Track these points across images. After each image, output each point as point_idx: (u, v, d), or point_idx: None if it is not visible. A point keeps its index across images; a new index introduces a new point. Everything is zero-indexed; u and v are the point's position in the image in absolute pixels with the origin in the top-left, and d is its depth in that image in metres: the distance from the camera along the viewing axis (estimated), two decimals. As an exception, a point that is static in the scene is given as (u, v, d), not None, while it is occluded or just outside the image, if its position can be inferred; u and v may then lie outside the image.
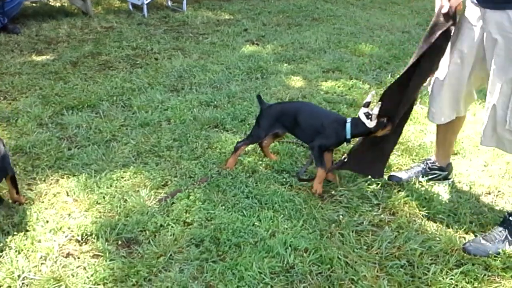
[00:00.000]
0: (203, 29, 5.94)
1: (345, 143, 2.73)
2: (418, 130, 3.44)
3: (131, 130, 3.33)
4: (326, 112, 2.95)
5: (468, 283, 2.08)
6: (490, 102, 2.22)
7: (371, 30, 6.00)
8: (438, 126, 2.72)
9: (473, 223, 2.49)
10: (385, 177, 2.83)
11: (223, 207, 2.52)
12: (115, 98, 3.82)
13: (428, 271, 2.14)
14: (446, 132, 2.72)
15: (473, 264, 2.18)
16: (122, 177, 2.79)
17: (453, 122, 2.60)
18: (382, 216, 2.52)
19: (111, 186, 2.70)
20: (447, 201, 2.64)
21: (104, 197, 2.59)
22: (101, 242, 2.25)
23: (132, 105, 3.70)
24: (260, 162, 2.95)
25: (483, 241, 2.28)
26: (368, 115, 2.55)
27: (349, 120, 2.66)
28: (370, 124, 2.54)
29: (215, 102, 3.79)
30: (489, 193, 2.75)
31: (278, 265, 2.14)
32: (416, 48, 2.44)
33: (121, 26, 5.84)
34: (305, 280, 2.09)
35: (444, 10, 2.23)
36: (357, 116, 2.63)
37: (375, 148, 2.67)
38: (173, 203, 2.56)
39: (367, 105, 2.59)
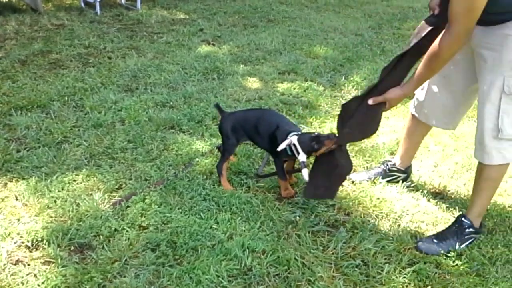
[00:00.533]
0: (158, 28, 5.86)
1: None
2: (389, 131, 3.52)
3: (83, 131, 3.23)
4: (282, 122, 2.72)
5: (420, 281, 2.15)
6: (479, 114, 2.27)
7: (325, 32, 6.10)
8: (410, 127, 2.75)
9: (425, 222, 2.57)
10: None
11: (180, 210, 2.49)
12: (66, 98, 3.70)
13: (382, 270, 2.20)
14: (416, 135, 2.77)
15: (424, 263, 2.25)
16: (75, 180, 2.70)
17: (424, 124, 2.67)
18: (337, 216, 2.57)
19: (62, 189, 2.61)
20: (399, 201, 2.72)
21: (55, 201, 2.51)
22: (52, 248, 2.18)
23: (85, 106, 3.60)
24: (217, 164, 2.93)
25: (435, 240, 2.36)
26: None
27: (290, 135, 2.52)
28: (301, 157, 2.48)
29: (171, 103, 3.74)
30: (439, 193, 2.85)
31: (236, 267, 2.14)
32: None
33: (72, 24, 5.67)
34: (262, 282, 2.09)
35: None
36: (301, 133, 2.57)
37: (332, 173, 2.54)
38: (128, 206, 2.50)
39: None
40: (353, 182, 2.86)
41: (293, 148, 2.49)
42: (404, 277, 2.16)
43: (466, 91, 2.44)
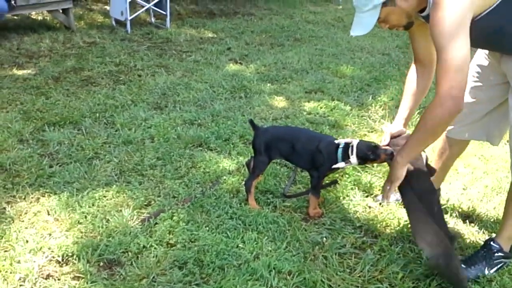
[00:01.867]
0: (186, 46, 5.97)
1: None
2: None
3: (114, 148, 3.30)
4: (321, 136, 2.79)
5: (449, 307, 2.11)
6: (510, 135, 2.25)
7: (352, 51, 6.11)
8: (441, 147, 2.69)
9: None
10: (370, 199, 2.87)
11: (207, 228, 2.51)
12: (97, 114, 3.79)
13: (410, 295, 2.17)
14: (447, 156, 2.70)
15: (453, 289, 2.22)
16: (105, 196, 2.76)
17: (458, 145, 2.63)
18: (364, 238, 2.55)
19: (93, 205, 2.67)
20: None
21: (85, 217, 2.56)
22: (82, 263, 2.22)
23: (115, 122, 3.68)
24: (244, 183, 2.95)
25: (463, 266, 2.32)
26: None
27: (341, 145, 2.53)
28: (352, 160, 2.46)
29: (199, 121, 3.80)
30: (468, 217, 2.80)
31: (262, 288, 2.15)
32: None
33: (104, 42, 5.83)
34: (289, 303, 2.09)
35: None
36: (350, 141, 2.54)
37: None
38: (156, 223, 2.54)
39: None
40: (380, 203, 2.84)
41: (349, 150, 2.47)
42: (433, 303, 2.13)
43: (493, 103, 2.41)
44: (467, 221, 2.76)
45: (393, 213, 2.74)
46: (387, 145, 2.41)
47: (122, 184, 2.88)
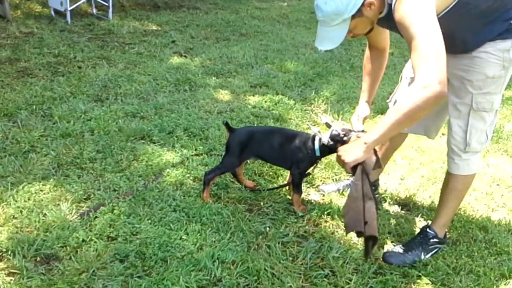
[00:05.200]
0: (129, 38, 5.83)
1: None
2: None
3: (51, 141, 3.18)
4: (296, 133, 2.75)
5: (386, 290, 2.19)
6: (449, 128, 2.33)
7: (296, 47, 6.19)
8: None
9: (391, 234, 2.63)
10: (312, 189, 2.93)
11: (149, 221, 2.47)
12: (34, 107, 3.64)
13: (350, 281, 2.23)
14: (386, 147, 2.79)
15: (391, 273, 2.30)
16: (41, 190, 2.65)
17: (397, 138, 2.70)
18: (306, 227, 2.59)
19: (29, 199, 2.56)
20: (367, 213, 2.76)
21: (21, 211, 2.45)
22: (17, 259, 2.13)
23: (53, 115, 3.54)
24: (188, 175, 2.93)
25: (401, 251, 2.41)
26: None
27: (317, 138, 2.57)
28: (324, 138, 2.49)
29: (142, 113, 3.72)
30: (405, 205, 2.91)
31: (206, 278, 2.14)
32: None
33: (42, 32, 5.59)
34: (232, 292, 2.09)
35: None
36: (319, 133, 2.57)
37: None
38: (96, 217, 2.47)
39: (328, 125, 2.52)
40: (322, 193, 2.90)
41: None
42: (371, 287, 2.20)
43: None
44: (404, 209, 2.87)
45: (334, 203, 2.81)
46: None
47: (60, 178, 2.78)
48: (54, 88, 4.03)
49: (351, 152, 2.08)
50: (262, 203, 2.74)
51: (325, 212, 2.71)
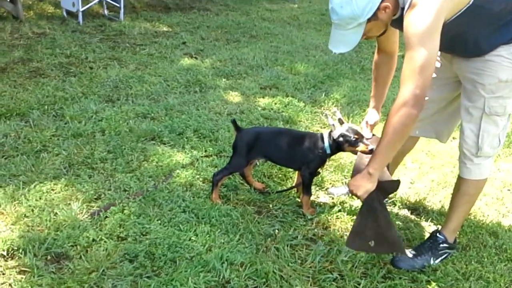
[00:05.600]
0: (140, 40, 5.87)
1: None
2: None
3: (63, 141, 3.21)
4: (305, 133, 2.79)
5: (395, 295, 2.18)
6: (461, 131, 2.33)
7: (307, 49, 6.19)
8: None
9: (401, 238, 2.61)
10: (322, 192, 2.93)
11: (159, 221, 2.48)
12: (46, 107, 3.67)
13: (359, 285, 2.22)
14: (397, 151, 2.77)
15: (400, 278, 2.29)
16: (53, 190, 2.68)
17: (408, 142, 2.68)
18: (315, 230, 2.59)
19: (40, 198, 2.58)
20: (376, 217, 2.75)
21: (32, 210, 2.48)
22: (28, 257, 2.15)
23: (65, 115, 3.57)
24: (198, 176, 2.94)
25: (410, 256, 2.40)
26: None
27: (325, 135, 2.61)
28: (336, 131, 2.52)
29: (152, 114, 3.75)
30: (415, 209, 2.90)
31: (214, 279, 2.14)
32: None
33: (54, 33, 5.64)
34: (240, 294, 2.10)
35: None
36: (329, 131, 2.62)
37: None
38: (106, 217, 2.49)
39: (341, 122, 2.59)
40: (331, 196, 2.90)
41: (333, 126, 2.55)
42: (380, 291, 2.20)
43: (443, 102, 2.50)
44: (414, 213, 2.86)
45: (343, 206, 2.80)
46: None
47: (71, 178, 2.80)
48: (66, 89, 4.06)
49: (361, 186, 2.14)
50: (271, 205, 2.74)
51: (335, 215, 2.71)
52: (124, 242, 2.32)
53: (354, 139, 2.46)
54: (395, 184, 2.36)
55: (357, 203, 2.84)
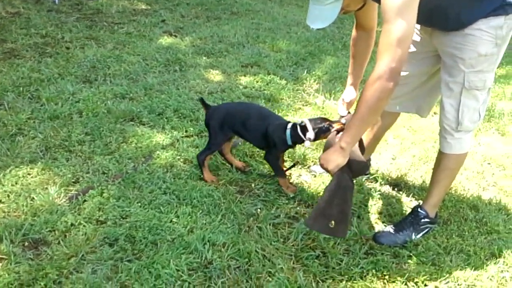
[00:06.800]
0: (118, 18, 5.72)
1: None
2: (333, 125, 3.55)
3: (39, 124, 3.13)
4: (271, 117, 2.71)
5: (378, 271, 2.18)
6: (441, 107, 2.32)
7: (288, 26, 6.11)
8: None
9: (382, 214, 2.63)
10: (304, 170, 2.92)
11: (139, 204, 2.45)
12: (21, 89, 3.56)
13: (341, 261, 2.22)
14: (378, 127, 2.76)
15: (382, 253, 2.30)
16: (29, 174, 2.62)
17: (388, 117, 2.67)
18: (298, 208, 2.58)
19: (16, 183, 2.52)
20: (358, 193, 2.75)
21: (8, 196, 2.42)
22: (5, 244, 2.10)
23: (41, 97, 3.47)
24: (178, 157, 2.89)
25: (392, 231, 2.41)
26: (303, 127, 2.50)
27: (289, 126, 2.56)
28: (309, 134, 2.45)
29: (131, 95, 3.67)
30: (397, 185, 2.90)
31: (196, 261, 2.12)
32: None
33: (29, 12, 5.46)
34: (223, 275, 2.08)
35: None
36: (299, 122, 2.55)
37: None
38: (85, 201, 2.44)
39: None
40: (314, 174, 2.89)
41: (298, 129, 2.49)
42: (362, 268, 2.20)
43: (423, 77, 2.48)
44: (396, 189, 2.87)
45: (325, 183, 2.79)
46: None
47: (48, 161, 2.74)
48: (42, 70, 3.95)
49: (332, 160, 2.12)
50: (253, 185, 2.73)
51: (316, 193, 2.70)
52: (104, 226, 2.28)
53: (325, 126, 2.42)
54: (364, 166, 2.36)
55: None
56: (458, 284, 2.16)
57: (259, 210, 2.52)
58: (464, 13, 2.08)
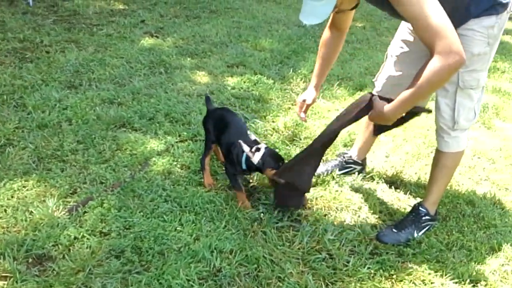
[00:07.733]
0: (96, 19, 5.60)
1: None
2: (323, 124, 3.57)
3: (28, 133, 3.04)
4: (244, 135, 2.57)
5: (385, 271, 2.21)
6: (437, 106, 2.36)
7: (269, 24, 6.10)
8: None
9: (382, 212, 2.66)
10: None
11: (141, 213, 2.41)
12: (5, 96, 3.46)
13: (348, 263, 2.25)
14: (374, 125, 2.77)
15: (387, 253, 2.33)
16: (24, 187, 2.55)
17: None
18: (299, 210, 2.59)
19: (12, 197, 2.45)
20: (357, 193, 2.78)
21: (5, 210, 2.35)
22: (8, 261, 2.04)
23: (26, 105, 3.38)
24: (175, 163, 2.86)
25: (394, 230, 2.45)
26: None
27: (247, 151, 2.44)
28: (254, 159, 2.42)
29: (119, 99, 3.60)
30: (393, 183, 2.94)
31: (205, 269, 2.11)
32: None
33: (3, 15, 5.29)
34: (233, 282, 2.08)
35: None
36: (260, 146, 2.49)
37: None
38: (85, 212, 2.39)
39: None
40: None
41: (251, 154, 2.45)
42: (369, 268, 2.22)
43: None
44: (393, 187, 2.90)
45: (324, 185, 2.81)
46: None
47: (42, 172, 2.67)
48: (24, 76, 3.84)
49: (381, 120, 2.20)
50: (253, 188, 2.72)
51: (316, 195, 2.71)
52: (108, 237, 2.24)
53: (258, 164, 2.43)
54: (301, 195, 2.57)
55: (336, 180, 2.86)
56: (463, 280, 2.21)
57: (262, 214, 2.51)
58: (456, 13, 2.11)
